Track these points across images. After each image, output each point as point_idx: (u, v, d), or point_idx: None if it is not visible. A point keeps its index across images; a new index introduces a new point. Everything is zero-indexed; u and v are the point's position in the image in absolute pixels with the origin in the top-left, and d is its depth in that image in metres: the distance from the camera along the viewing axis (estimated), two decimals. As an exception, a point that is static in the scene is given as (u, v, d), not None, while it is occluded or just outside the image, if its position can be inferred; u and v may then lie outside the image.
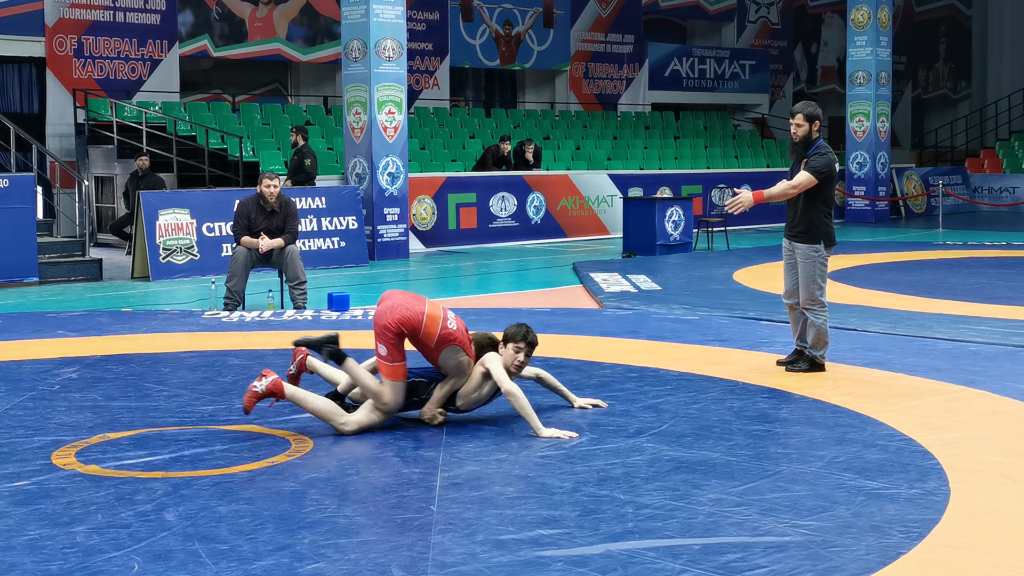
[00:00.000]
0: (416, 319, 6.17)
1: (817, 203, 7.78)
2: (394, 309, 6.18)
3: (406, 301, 6.26)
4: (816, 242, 7.78)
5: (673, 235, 17.22)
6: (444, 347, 6.22)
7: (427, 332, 6.19)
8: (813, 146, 7.78)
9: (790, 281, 7.93)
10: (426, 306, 6.25)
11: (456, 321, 6.32)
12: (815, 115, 7.78)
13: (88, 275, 14.08)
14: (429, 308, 6.25)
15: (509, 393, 6.20)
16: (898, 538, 4.51)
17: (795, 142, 7.87)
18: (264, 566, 4.23)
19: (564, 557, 4.31)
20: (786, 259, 8.00)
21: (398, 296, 6.33)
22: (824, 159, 7.72)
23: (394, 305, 6.21)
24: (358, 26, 16.48)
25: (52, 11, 19.25)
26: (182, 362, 8.43)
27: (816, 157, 7.72)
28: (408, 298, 6.31)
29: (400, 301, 6.25)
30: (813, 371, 7.81)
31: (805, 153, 7.79)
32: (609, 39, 27.44)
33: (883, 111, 23.92)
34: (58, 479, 5.36)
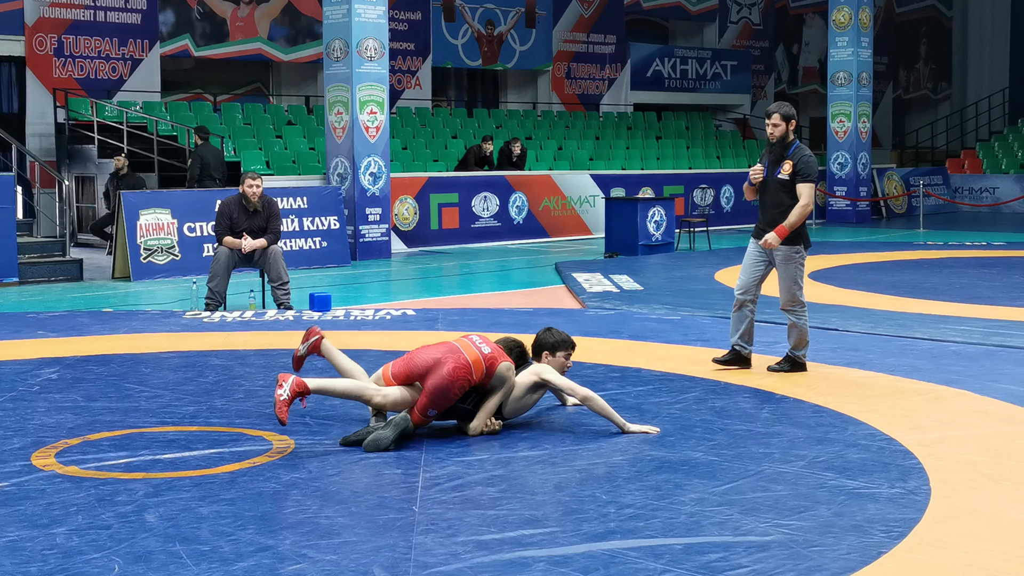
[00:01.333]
0: (467, 374, 6.03)
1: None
2: (450, 374, 5.98)
3: (448, 360, 6.03)
4: (797, 243, 7.79)
5: (655, 235, 17.25)
6: (493, 372, 6.17)
7: (479, 375, 6.09)
8: (791, 147, 7.76)
9: (749, 278, 7.90)
10: (463, 353, 6.07)
11: (484, 341, 6.21)
12: (791, 115, 7.77)
13: (68, 275, 14.02)
14: (467, 353, 6.07)
15: (588, 398, 6.21)
16: (879, 537, 4.53)
17: (771, 142, 7.84)
18: (245, 567, 4.22)
19: (546, 557, 4.31)
20: (751, 257, 7.93)
21: (439, 356, 6.07)
22: (812, 163, 7.73)
23: (446, 372, 5.98)
24: (340, 26, 16.46)
25: (32, 10, 19.16)
26: (163, 363, 8.40)
27: (803, 162, 7.70)
28: (446, 354, 6.07)
29: (446, 363, 6.01)
30: (795, 371, 7.83)
31: (784, 154, 7.77)
32: (591, 39, 27.46)
33: (864, 112, 23.99)
34: (38, 480, 5.34)
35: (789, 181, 7.72)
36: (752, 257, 7.94)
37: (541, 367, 6.38)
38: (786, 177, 7.72)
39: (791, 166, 7.70)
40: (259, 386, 7.43)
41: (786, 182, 7.73)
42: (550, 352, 6.47)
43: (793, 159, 7.72)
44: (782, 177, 7.74)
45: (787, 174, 7.72)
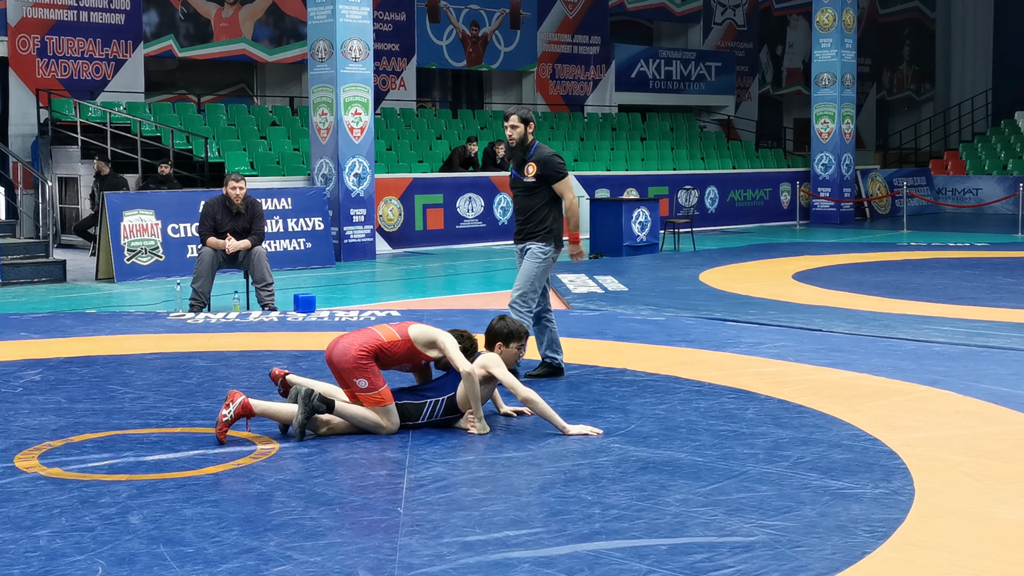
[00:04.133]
0: (374, 338, 6.18)
1: (558, 204, 7.76)
2: (351, 343, 6.15)
3: (353, 334, 6.26)
4: (548, 242, 7.73)
5: (640, 236, 17.26)
6: (428, 352, 6.20)
7: (391, 342, 6.20)
8: (532, 148, 7.70)
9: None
10: (373, 329, 6.28)
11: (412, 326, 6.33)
12: (529, 117, 7.70)
13: (52, 276, 13.96)
14: (376, 328, 6.28)
15: (530, 400, 6.18)
16: (863, 537, 4.54)
17: (512, 146, 7.74)
18: (230, 568, 4.21)
19: (531, 558, 4.31)
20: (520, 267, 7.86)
21: (344, 336, 6.30)
22: (554, 159, 7.67)
23: (349, 341, 6.18)
24: (324, 27, 16.44)
25: (15, 10, 19.09)
26: (147, 364, 8.38)
27: (546, 162, 7.62)
28: (354, 332, 6.31)
29: (349, 336, 6.25)
30: (553, 375, 7.75)
31: (525, 156, 7.69)
32: (576, 40, 27.48)
33: (848, 113, 24.05)
34: (21, 482, 5.32)
35: (535, 183, 7.65)
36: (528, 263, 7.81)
37: (489, 359, 6.33)
38: (531, 179, 7.66)
39: (534, 167, 7.64)
40: (243, 387, 7.41)
41: (533, 184, 7.66)
42: (503, 342, 6.45)
43: (535, 161, 7.65)
44: (528, 180, 7.68)
45: (531, 176, 7.65)
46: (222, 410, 6.04)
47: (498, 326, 6.51)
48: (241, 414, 6.04)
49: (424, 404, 6.31)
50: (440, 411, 6.32)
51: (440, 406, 6.32)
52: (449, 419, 6.36)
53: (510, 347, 6.45)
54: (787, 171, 25.24)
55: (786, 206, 24.70)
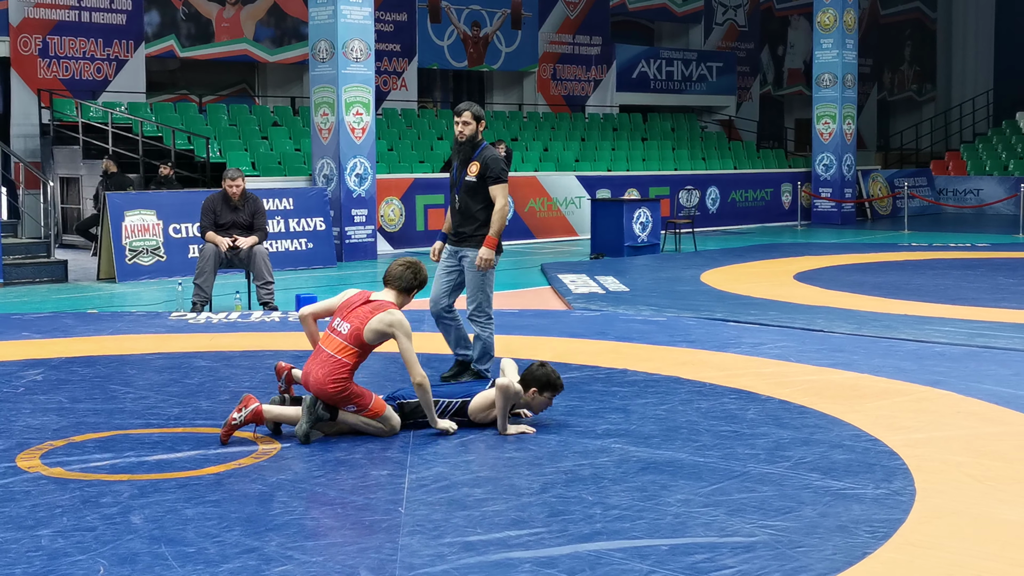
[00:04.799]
0: (339, 365, 6.11)
1: (490, 208, 7.58)
2: (323, 379, 6.07)
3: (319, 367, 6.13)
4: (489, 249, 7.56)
5: (641, 236, 17.26)
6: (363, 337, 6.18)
7: (355, 356, 6.15)
8: (479, 147, 7.57)
9: (442, 289, 7.65)
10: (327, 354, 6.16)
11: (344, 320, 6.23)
12: (481, 115, 7.57)
13: (53, 276, 13.97)
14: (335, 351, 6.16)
15: (505, 388, 6.14)
16: (864, 538, 4.54)
17: (460, 142, 7.58)
18: (231, 568, 4.21)
19: (532, 558, 4.31)
20: (443, 265, 7.70)
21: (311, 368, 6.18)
22: (499, 162, 7.55)
23: (319, 378, 6.08)
24: (326, 27, 16.44)
25: (16, 10, 19.10)
26: (148, 364, 8.38)
27: (492, 163, 7.51)
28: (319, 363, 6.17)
29: (315, 369, 6.13)
30: (466, 373, 7.67)
31: (471, 154, 7.56)
32: (577, 41, 27.49)
33: (849, 113, 24.06)
34: (23, 482, 5.32)
35: (476, 183, 7.52)
36: (444, 266, 7.69)
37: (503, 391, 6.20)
38: (473, 179, 7.52)
39: (477, 166, 7.51)
40: (245, 387, 7.41)
41: (474, 184, 7.52)
42: (539, 390, 6.35)
43: (480, 160, 7.53)
44: (470, 179, 7.53)
45: (474, 175, 7.51)
46: (233, 412, 6.04)
47: (539, 373, 6.39)
48: (251, 420, 6.05)
49: (435, 403, 6.32)
50: (451, 412, 6.34)
51: (452, 407, 6.34)
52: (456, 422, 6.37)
53: (543, 395, 6.42)
54: (788, 171, 25.24)
55: (787, 206, 24.70)
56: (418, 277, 6.43)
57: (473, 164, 7.53)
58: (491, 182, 7.51)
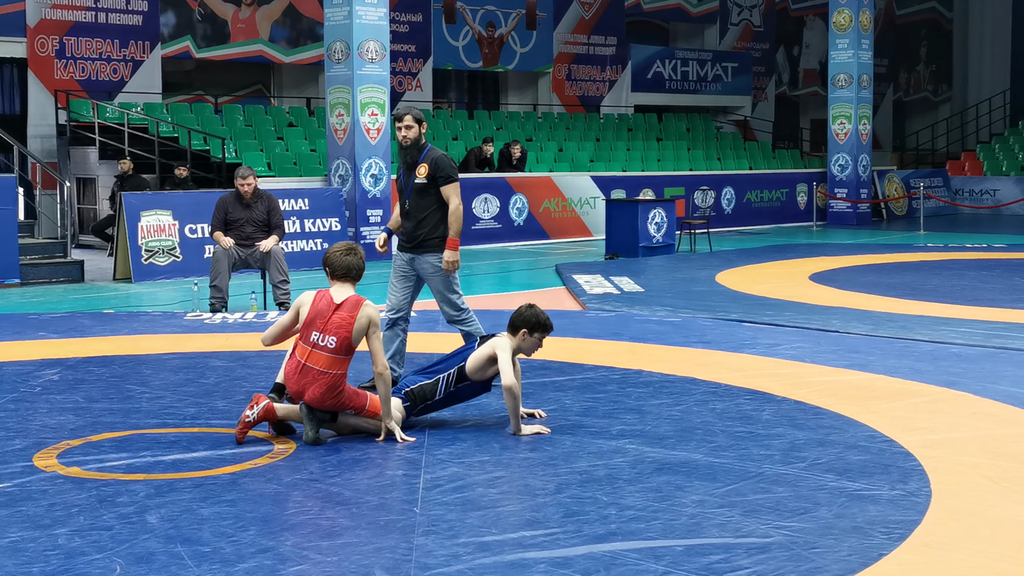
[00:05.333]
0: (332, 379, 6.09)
1: (446, 211, 7.51)
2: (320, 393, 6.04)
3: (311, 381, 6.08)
4: (443, 251, 7.49)
5: (656, 237, 17.25)
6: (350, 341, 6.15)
7: (341, 363, 6.12)
8: (424, 150, 7.49)
9: (401, 296, 7.58)
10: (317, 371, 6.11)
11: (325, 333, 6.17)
12: (422, 117, 7.48)
13: (70, 276, 14.02)
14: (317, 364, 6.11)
15: (508, 389, 6.18)
16: (880, 539, 4.53)
17: (405, 147, 7.48)
18: (247, 568, 4.22)
19: (547, 559, 4.32)
20: (399, 272, 7.59)
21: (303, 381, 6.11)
22: (448, 162, 7.47)
23: (315, 392, 6.04)
24: (341, 28, 16.47)
25: (34, 12, 19.17)
26: (164, 364, 8.41)
27: (441, 163, 7.42)
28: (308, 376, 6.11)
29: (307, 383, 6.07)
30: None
31: (418, 157, 7.46)
32: (592, 41, 27.47)
33: (865, 113, 24.00)
34: (40, 481, 5.34)
35: (427, 184, 7.44)
36: (400, 273, 7.60)
37: (500, 343, 6.32)
38: (423, 180, 7.44)
39: (426, 168, 7.43)
40: (260, 387, 7.43)
41: (424, 186, 7.45)
42: (529, 331, 6.39)
43: (427, 162, 7.45)
44: (419, 181, 7.46)
45: (423, 177, 7.44)
46: (246, 410, 6.06)
47: (528, 314, 6.41)
48: (264, 418, 6.07)
49: (437, 381, 6.37)
50: (453, 382, 6.38)
51: (452, 378, 6.38)
52: (463, 387, 6.40)
53: (533, 336, 6.43)
54: (804, 172, 25.19)
55: (803, 207, 24.65)
56: (363, 260, 6.45)
57: (421, 166, 7.43)
58: (443, 182, 7.42)
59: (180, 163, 17.24)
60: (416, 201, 7.49)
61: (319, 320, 6.16)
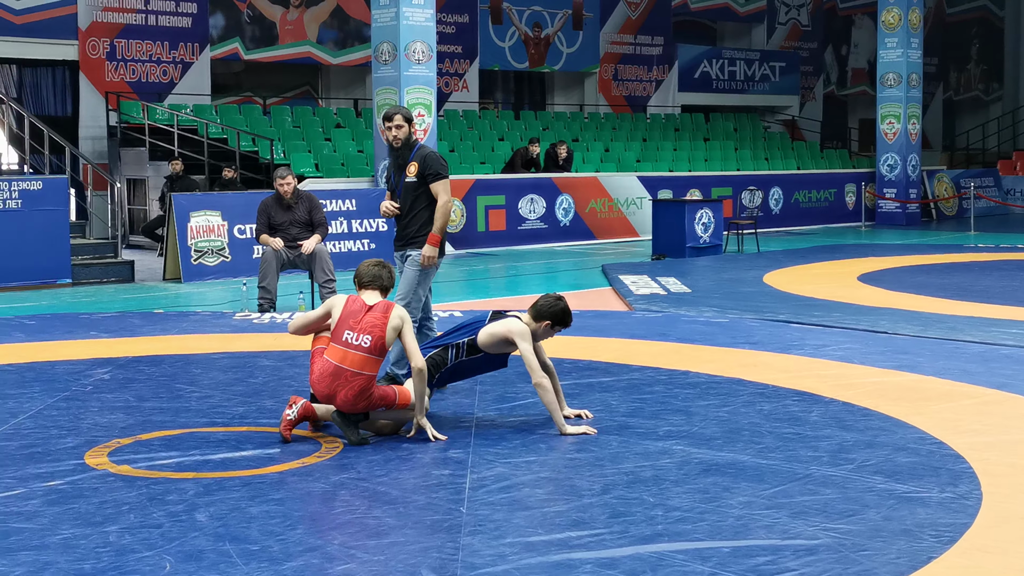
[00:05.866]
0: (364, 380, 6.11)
1: (434, 207, 7.42)
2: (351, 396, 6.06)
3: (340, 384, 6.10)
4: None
5: (703, 237, 17.19)
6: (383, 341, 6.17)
7: (373, 365, 6.15)
8: (415, 148, 7.45)
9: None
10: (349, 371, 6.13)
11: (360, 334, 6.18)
12: (411, 116, 7.44)
13: (120, 276, 14.17)
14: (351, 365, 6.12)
15: (540, 386, 6.19)
16: (929, 542, 4.49)
17: (395, 147, 7.43)
18: (294, 566, 4.25)
19: (593, 559, 4.31)
20: (401, 274, 7.51)
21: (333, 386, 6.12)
22: (437, 159, 7.41)
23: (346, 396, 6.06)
24: (388, 29, 16.53)
25: (85, 15, 19.39)
26: (213, 363, 8.48)
27: (428, 161, 7.36)
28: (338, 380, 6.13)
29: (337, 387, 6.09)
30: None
31: (408, 156, 7.41)
32: (639, 41, 27.42)
33: (914, 113, 23.79)
34: (91, 479, 5.40)
35: (417, 182, 7.39)
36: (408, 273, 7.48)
37: (518, 327, 6.31)
38: (413, 179, 7.39)
39: (415, 167, 7.39)
40: (308, 387, 7.47)
41: (414, 184, 7.40)
42: (551, 323, 6.38)
43: (416, 160, 7.40)
44: (409, 180, 7.41)
45: (413, 175, 7.39)
46: (286, 410, 6.11)
47: (556, 307, 6.39)
48: (304, 415, 6.12)
49: (447, 348, 6.41)
50: (464, 353, 6.40)
51: (463, 349, 6.40)
52: (476, 359, 6.42)
53: (553, 329, 6.43)
54: (852, 172, 25.02)
55: (851, 207, 24.48)
56: (392, 273, 6.47)
57: (411, 165, 7.41)
58: (432, 179, 7.38)
59: (228, 164, 17.38)
60: (406, 200, 7.46)
61: (352, 320, 6.21)
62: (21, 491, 5.19)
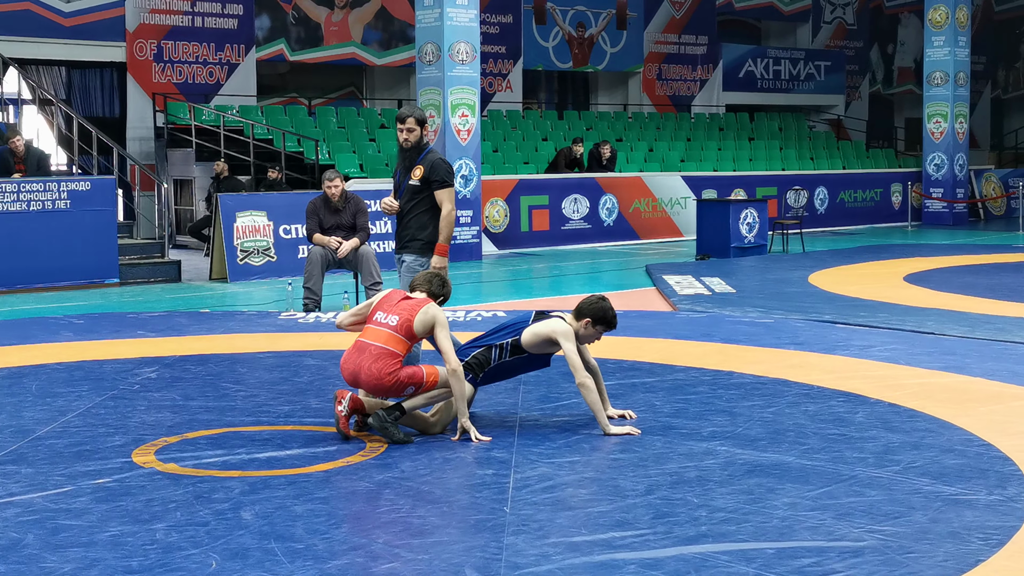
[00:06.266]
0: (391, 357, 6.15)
1: (439, 215, 7.35)
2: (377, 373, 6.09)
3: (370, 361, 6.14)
4: (426, 255, 7.33)
5: (747, 237, 17.11)
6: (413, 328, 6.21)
7: (404, 348, 6.20)
8: (424, 151, 7.37)
9: None
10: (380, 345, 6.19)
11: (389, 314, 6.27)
12: (424, 118, 7.35)
13: (167, 276, 14.29)
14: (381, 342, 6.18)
15: (583, 385, 6.19)
16: (977, 545, 4.45)
17: (405, 149, 7.36)
18: (339, 565, 4.27)
19: (637, 560, 4.31)
20: (404, 278, 7.42)
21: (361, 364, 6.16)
22: (444, 165, 7.33)
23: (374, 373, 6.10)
24: (432, 30, 16.57)
25: (133, 17, 19.58)
26: (259, 362, 8.53)
27: (435, 166, 7.30)
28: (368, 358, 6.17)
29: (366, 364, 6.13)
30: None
31: (416, 158, 7.34)
32: (683, 40, 27.33)
33: (961, 112, 23.58)
34: (138, 477, 5.45)
35: (421, 187, 7.31)
36: (405, 278, 7.40)
37: (561, 327, 6.30)
38: (417, 183, 7.31)
39: (421, 170, 7.30)
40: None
41: (417, 187, 7.32)
42: (593, 323, 6.36)
43: (423, 164, 7.32)
44: (413, 183, 7.33)
45: (418, 179, 7.31)
46: (336, 407, 6.14)
47: (597, 305, 6.39)
48: (354, 408, 6.15)
49: (490, 348, 6.39)
50: (508, 353, 6.38)
51: (506, 349, 6.38)
52: (519, 359, 6.40)
53: (596, 328, 6.41)
54: (898, 171, 24.83)
55: (897, 207, 24.29)
56: (444, 287, 6.50)
57: (417, 168, 7.34)
58: (436, 187, 7.32)
59: (273, 165, 17.49)
60: (407, 202, 7.41)
61: (387, 304, 6.32)
62: (70, 488, 5.25)
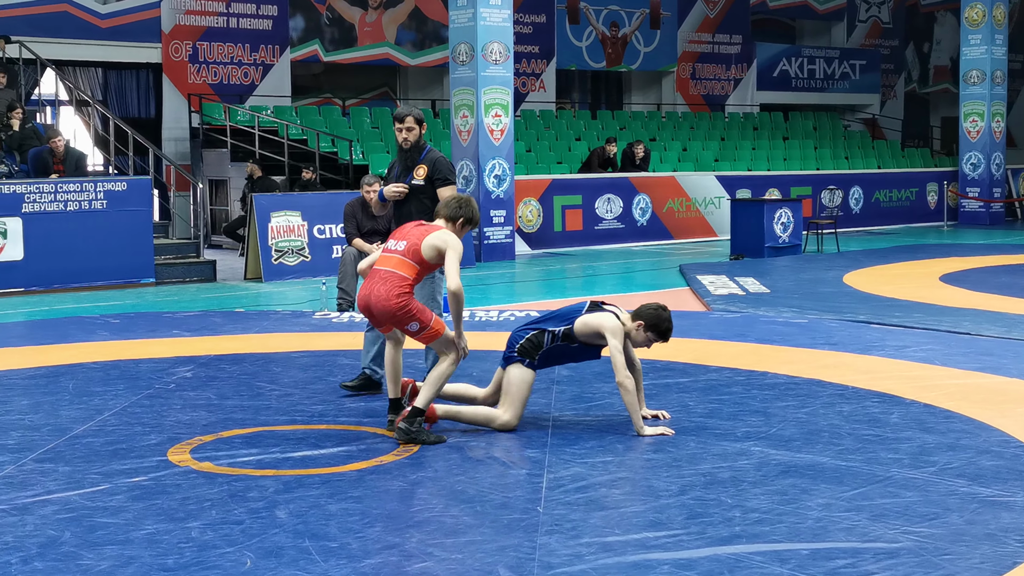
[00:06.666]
0: (401, 280, 6.20)
1: (431, 212, 7.17)
2: (386, 295, 6.13)
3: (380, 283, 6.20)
4: None
5: (782, 237, 17.04)
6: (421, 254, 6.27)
7: (414, 273, 6.26)
8: (423, 151, 7.32)
9: None
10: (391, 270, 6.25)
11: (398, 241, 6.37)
12: (422, 118, 7.30)
13: (202, 276, 14.37)
14: (392, 267, 6.26)
15: (621, 385, 6.17)
16: (1014, 547, 4.42)
17: (405, 149, 7.32)
18: (372, 564, 4.29)
19: (670, 560, 4.30)
20: None
21: (373, 288, 6.23)
22: (447, 163, 7.28)
23: (382, 294, 6.15)
24: (465, 30, 16.59)
25: (168, 18, 19.70)
26: (293, 362, 8.57)
27: (440, 165, 7.24)
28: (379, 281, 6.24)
29: (377, 287, 6.19)
30: (369, 389, 7.32)
31: (417, 158, 7.28)
32: (716, 40, 27.25)
33: (998, 111, 23.39)
34: (174, 475, 5.49)
35: (424, 186, 7.24)
36: None
37: (611, 323, 6.27)
38: (420, 182, 7.24)
39: (424, 169, 7.24)
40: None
41: (421, 187, 7.24)
42: (647, 329, 6.33)
43: (426, 163, 7.27)
44: (416, 182, 7.25)
45: (421, 178, 7.24)
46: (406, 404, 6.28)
47: (655, 312, 6.36)
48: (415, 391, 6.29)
49: (543, 332, 6.37)
50: (560, 339, 6.36)
51: (558, 335, 6.36)
52: (571, 348, 6.38)
53: (647, 334, 6.39)
54: (934, 171, 24.66)
55: (933, 206, 24.13)
56: (464, 208, 6.44)
57: (420, 167, 7.29)
58: (440, 184, 7.26)
59: (307, 165, 17.56)
60: (407, 203, 7.33)
61: (400, 233, 6.43)
62: (106, 487, 5.29)
